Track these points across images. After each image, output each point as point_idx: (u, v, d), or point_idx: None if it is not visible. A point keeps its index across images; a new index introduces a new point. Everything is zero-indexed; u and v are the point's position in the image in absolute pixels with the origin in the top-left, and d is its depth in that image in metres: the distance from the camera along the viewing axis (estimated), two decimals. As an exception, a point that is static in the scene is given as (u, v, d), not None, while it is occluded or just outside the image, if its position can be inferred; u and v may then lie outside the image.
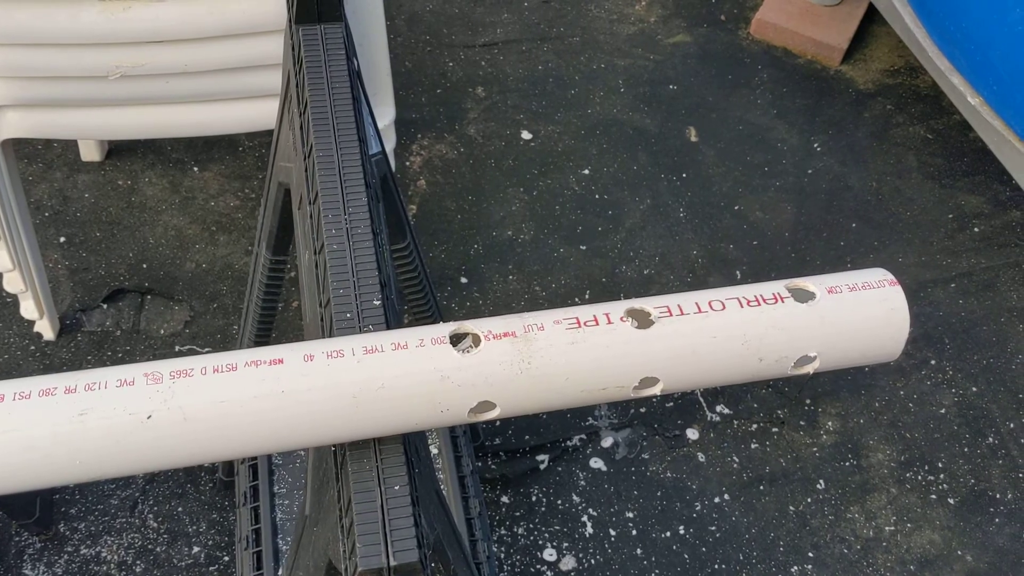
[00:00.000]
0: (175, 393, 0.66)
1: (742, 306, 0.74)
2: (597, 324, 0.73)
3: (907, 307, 0.77)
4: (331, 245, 0.83)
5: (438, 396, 0.69)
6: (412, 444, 0.77)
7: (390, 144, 1.65)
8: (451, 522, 0.92)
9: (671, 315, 0.74)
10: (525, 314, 0.74)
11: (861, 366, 0.80)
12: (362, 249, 0.83)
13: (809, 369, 0.77)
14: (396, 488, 0.69)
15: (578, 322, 0.73)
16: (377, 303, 0.80)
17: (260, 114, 1.56)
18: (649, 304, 0.74)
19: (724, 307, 0.74)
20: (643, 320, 0.73)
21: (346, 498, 0.70)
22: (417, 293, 1.37)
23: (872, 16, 2.61)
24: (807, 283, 0.77)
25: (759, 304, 0.75)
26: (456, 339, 0.72)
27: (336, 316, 0.79)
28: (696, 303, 0.75)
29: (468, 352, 0.70)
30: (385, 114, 1.59)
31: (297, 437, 0.68)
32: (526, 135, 2.35)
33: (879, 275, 0.78)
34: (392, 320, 0.83)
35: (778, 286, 0.76)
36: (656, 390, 0.74)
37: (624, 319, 0.73)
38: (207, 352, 1.89)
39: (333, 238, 0.84)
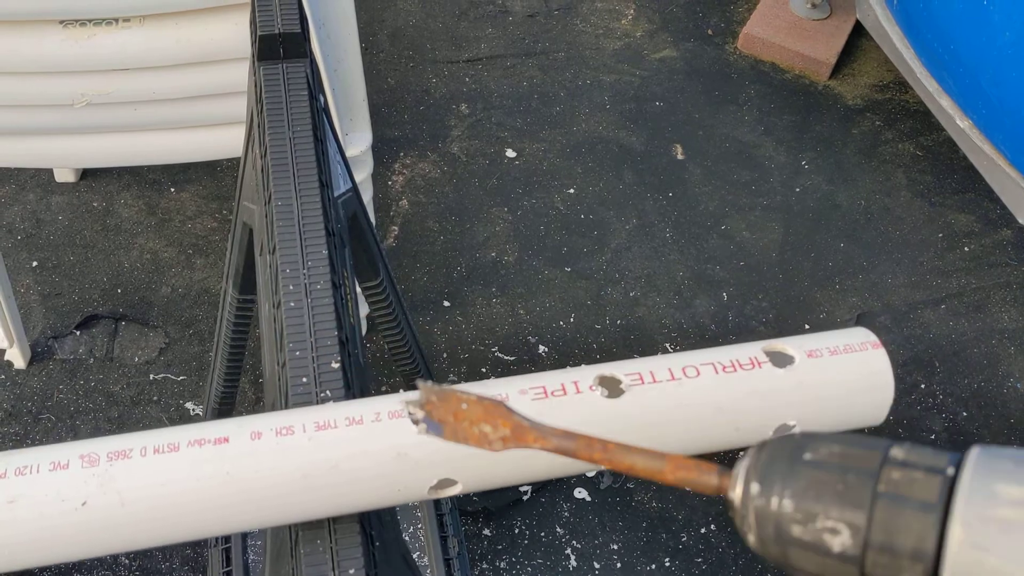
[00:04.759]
0: (112, 476, 0.61)
1: (717, 372, 0.71)
2: (565, 394, 0.69)
3: (891, 371, 0.73)
4: (288, 302, 0.79)
5: (395, 475, 0.65)
6: (372, 513, 0.73)
7: (367, 171, 1.61)
8: (419, 585, 0.88)
9: (643, 382, 0.70)
10: (489, 381, 0.70)
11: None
12: (321, 306, 0.79)
13: (789, 436, 0.73)
14: (351, 572, 0.66)
15: (545, 392, 0.69)
16: (336, 366, 0.76)
17: (232, 141, 1.52)
18: (620, 370, 0.70)
19: (699, 373, 0.71)
20: (613, 388, 0.69)
21: (299, 580, 0.67)
22: (393, 330, 1.33)
23: (860, 30, 2.58)
24: (786, 346, 0.73)
25: (735, 370, 0.71)
26: (415, 410, 0.68)
27: (292, 380, 0.75)
28: (669, 369, 0.71)
29: (427, 425, 0.66)
30: (361, 140, 1.55)
31: (244, 520, 0.64)
32: (510, 153, 2.31)
33: (861, 336, 0.74)
34: (353, 381, 0.79)
35: (755, 349, 0.73)
36: (627, 461, 0.70)
37: (593, 388, 0.69)
38: (182, 380, 1.86)
39: (291, 295, 0.80)
